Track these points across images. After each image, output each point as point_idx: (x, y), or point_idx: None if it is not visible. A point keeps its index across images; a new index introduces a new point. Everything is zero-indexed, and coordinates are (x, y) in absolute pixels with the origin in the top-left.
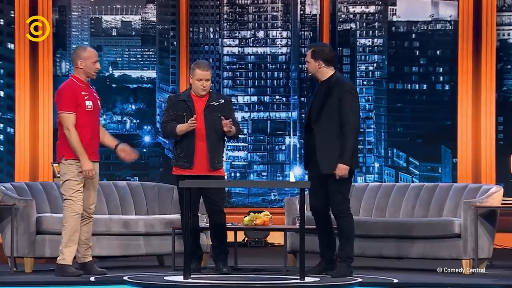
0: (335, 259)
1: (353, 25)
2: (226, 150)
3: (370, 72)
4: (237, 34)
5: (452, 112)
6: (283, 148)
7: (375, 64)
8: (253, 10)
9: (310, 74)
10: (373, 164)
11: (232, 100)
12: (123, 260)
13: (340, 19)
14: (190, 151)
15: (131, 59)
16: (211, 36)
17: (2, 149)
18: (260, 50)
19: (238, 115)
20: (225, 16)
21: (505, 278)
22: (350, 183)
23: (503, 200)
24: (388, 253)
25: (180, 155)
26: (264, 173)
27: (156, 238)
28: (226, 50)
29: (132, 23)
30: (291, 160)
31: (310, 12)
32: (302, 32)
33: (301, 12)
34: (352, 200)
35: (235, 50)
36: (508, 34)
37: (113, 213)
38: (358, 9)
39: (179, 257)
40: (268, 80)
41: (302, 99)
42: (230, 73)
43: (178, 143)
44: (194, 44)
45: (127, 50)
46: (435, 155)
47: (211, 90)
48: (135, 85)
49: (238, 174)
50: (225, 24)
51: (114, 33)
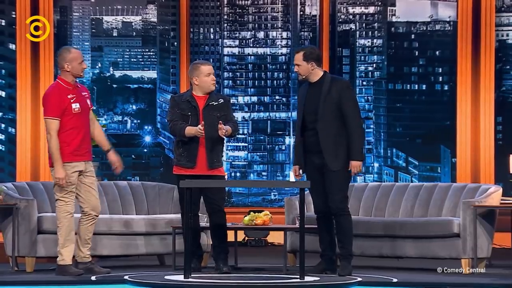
0: (336, 259)
1: (353, 26)
2: (227, 150)
3: (370, 73)
4: (237, 35)
5: (451, 112)
6: (283, 148)
7: (375, 65)
8: (253, 11)
9: (303, 77)
10: (373, 164)
11: (232, 100)
12: (124, 260)
13: (340, 20)
14: (193, 151)
15: (132, 60)
16: (212, 37)
17: (4, 149)
18: (260, 51)
19: (239, 115)
20: (225, 17)
21: (504, 278)
22: (350, 181)
23: (502, 200)
24: (388, 253)
25: (182, 154)
26: (264, 173)
27: (157, 238)
28: (226, 51)
29: (133, 24)
30: (291, 160)
31: (310, 13)
32: (302, 33)
33: (301, 13)
34: (352, 200)
35: (235, 51)
36: (507, 35)
37: (114, 213)
38: (358, 10)
39: (180, 257)
40: (268, 81)
41: None
42: (230, 74)
43: (181, 142)
44: (195, 45)
45: (128, 51)
46: (434, 155)
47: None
48: (136, 86)
49: (238, 174)
50: (225, 25)
51: (115, 34)
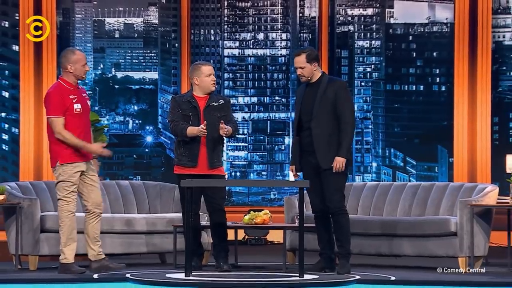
0: (335, 257)
1: (351, 27)
2: (227, 150)
3: (368, 74)
4: (238, 36)
5: (449, 113)
6: (283, 148)
7: (373, 66)
8: (253, 13)
9: (308, 78)
10: (371, 164)
11: (233, 101)
12: (126, 258)
13: (339, 22)
14: (194, 150)
15: (134, 61)
16: (212, 38)
17: (7, 149)
18: (260, 52)
19: (239, 116)
20: (226, 19)
21: (501, 276)
22: (346, 181)
23: (499, 199)
24: (386, 251)
25: (183, 154)
26: (264, 173)
27: (158, 236)
28: (227, 52)
29: (135, 26)
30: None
31: (309, 15)
32: (301, 34)
33: (300, 15)
34: (350, 199)
35: (236, 52)
36: (503, 36)
37: (116, 212)
38: (356, 12)
39: (181, 255)
40: (268, 81)
41: None
42: (231, 74)
43: (182, 142)
44: (195, 46)
45: (130, 52)
46: (432, 155)
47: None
48: (138, 86)
49: (239, 174)
50: (226, 26)
51: (117, 35)
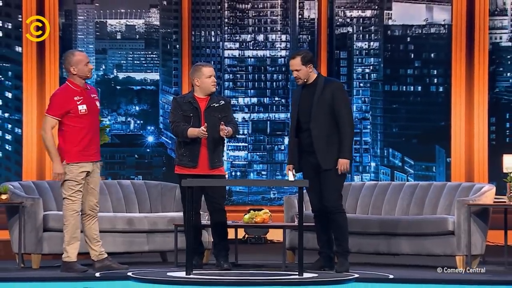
0: (333, 256)
1: (350, 29)
2: (227, 150)
3: (367, 74)
4: (238, 38)
5: (446, 113)
6: (282, 148)
7: (371, 67)
8: (253, 14)
9: (304, 81)
10: (370, 164)
11: (233, 102)
12: (127, 257)
13: (338, 23)
14: (195, 151)
15: (135, 62)
16: (213, 40)
17: (10, 149)
18: (260, 53)
19: (239, 116)
20: (226, 20)
21: (498, 274)
22: (344, 180)
23: (495, 198)
24: (384, 250)
25: (184, 154)
26: (264, 172)
27: (159, 235)
28: (227, 53)
29: (136, 27)
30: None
31: (308, 16)
32: (301, 36)
33: (300, 16)
34: (349, 199)
35: (236, 53)
36: (500, 38)
37: (118, 211)
38: (355, 14)
39: (182, 254)
40: (268, 82)
41: None
42: (231, 75)
43: (183, 143)
44: (196, 47)
45: (131, 53)
46: (430, 155)
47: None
48: (139, 87)
49: (239, 173)
50: (226, 28)
51: (119, 37)
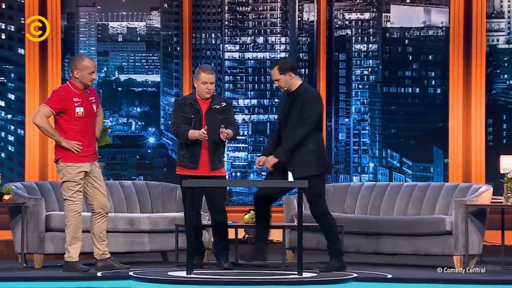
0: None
1: (349, 31)
2: (227, 151)
3: (365, 76)
4: (238, 40)
5: (444, 115)
6: None
7: (370, 69)
8: (253, 17)
9: (285, 89)
10: (368, 164)
11: (233, 103)
12: (129, 256)
13: (337, 26)
14: (196, 152)
15: (136, 64)
16: (213, 42)
17: (13, 150)
18: (260, 55)
19: (239, 117)
20: (226, 23)
21: (495, 274)
22: (324, 184)
23: (493, 199)
24: (383, 250)
25: (185, 156)
26: (264, 173)
27: (160, 235)
28: (227, 55)
29: (137, 29)
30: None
31: (308, 19)
32: (300, 38)
33: (299, 19)
34: (348, 199)
35: (236, 55)
36: (497, 40)
37: (119, 211)
38: (354, 16)
39: (182, 253)
40: (268, 84)
41: None
42: (231, 77)
43: (184, 144)
44: (197, 50)
45: (133, 55)
46: (428, 156)
47: (214, 94)
48: (140, 89)
49: (239, 174)
50: (226, 30)
51: (120, 39)
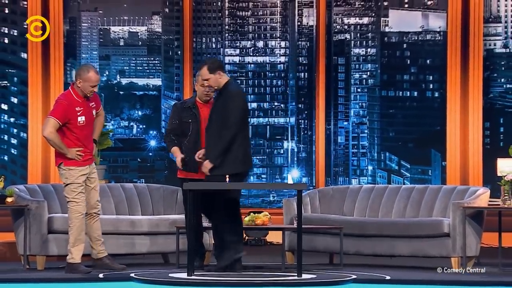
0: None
1: (348, 36)
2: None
3: (364, 80)
4: (238, 44)
5: (442, 118)
6: (282, 152)
7: (369, 73)
8: (253, 22)
9: (216, 88)
10: (367, 167)
11: None
12: (130, 258)
13: (336, 30)
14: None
15: (138, 68)
16: (213, 46)
17: (16, 153)
18: (260, 59)
19: None
20: (227, 27)
21: (492, 275)
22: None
23: (490, 201)
24: (381, 251)
25: (186, 159)
26: (264, 176)
27: (161, 237)
28: (228, 59)
29: (139, 34)
30: (289, 163)
31: (307, 23)
32: (300, 42)
33: (299, 23)
34: (347, 201)
35: (236, 59)
36: (494, 44)
37: (121, 214)
38: (353, 21)
39: (183, 255)
40: (267, 88)
41: (300, 106)
42: None
43: (184, 149)
44: (197, 54)
45: (134, 59)
46: (426, 159)
47: (214, 96)
48: (142, 92)
49: None
50: (227, 35)
51: (122, 43)
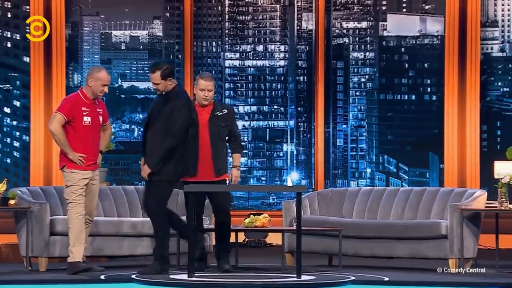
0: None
1: (347, 40)
2: (228, 156)
3: (362, 84)
4: (238, 48)
5: (439, 121)
6: (281, 155)
7: (367, 76)
8: (253, 26)
9: (163, 93)
10: (365, 170)
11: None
12: (132, 260)
13: (334, 34)
14: (195, 159)
15: (139, 71)
16: (214, 50)
17: (18, 156)
18: (260, 63)
19: (239, 124)
20: (227, 31)
21: (489, 277)
22: (169, 190)
23: (487, 203)
24: (380, 253)
25: (187, 162)
26: (263, 178)
27: None
28: (228, 63)
29: (140, 38)
30: (289, 166)
31: (306, 28)
32: (299, 46)
33: (298, 28)
34: (346, 203)
35: (236, 63)
36: (492, 48)
37: (122, 216)
38: (351, 25)
39: (184, 257)
40: (267, 91)
41: (299, 109)
42: (232, 84)
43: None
44: (198, 58)
45: (135, 63)
46: (423, 161)
47: (214, 101)
48: (143, 96)
49: (239, 179)
50: (227, 39)
51: (123, 47)
